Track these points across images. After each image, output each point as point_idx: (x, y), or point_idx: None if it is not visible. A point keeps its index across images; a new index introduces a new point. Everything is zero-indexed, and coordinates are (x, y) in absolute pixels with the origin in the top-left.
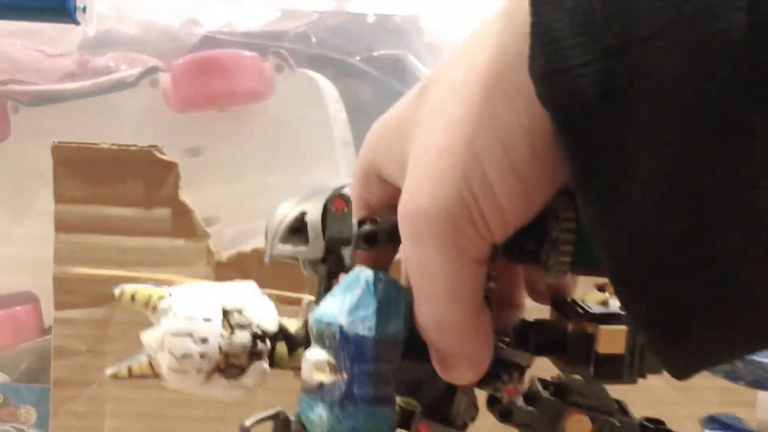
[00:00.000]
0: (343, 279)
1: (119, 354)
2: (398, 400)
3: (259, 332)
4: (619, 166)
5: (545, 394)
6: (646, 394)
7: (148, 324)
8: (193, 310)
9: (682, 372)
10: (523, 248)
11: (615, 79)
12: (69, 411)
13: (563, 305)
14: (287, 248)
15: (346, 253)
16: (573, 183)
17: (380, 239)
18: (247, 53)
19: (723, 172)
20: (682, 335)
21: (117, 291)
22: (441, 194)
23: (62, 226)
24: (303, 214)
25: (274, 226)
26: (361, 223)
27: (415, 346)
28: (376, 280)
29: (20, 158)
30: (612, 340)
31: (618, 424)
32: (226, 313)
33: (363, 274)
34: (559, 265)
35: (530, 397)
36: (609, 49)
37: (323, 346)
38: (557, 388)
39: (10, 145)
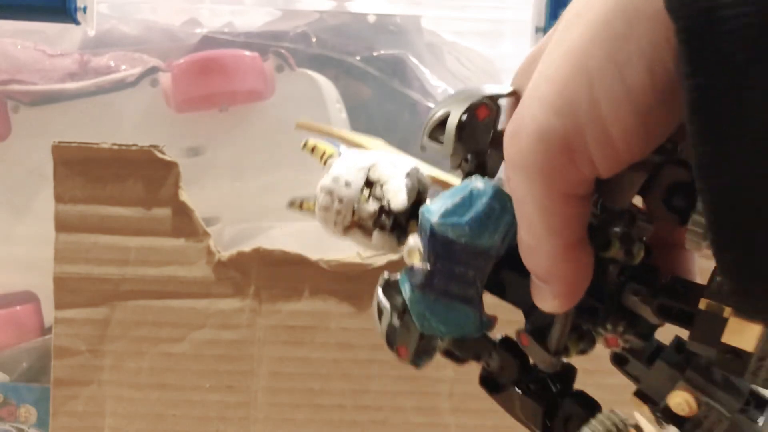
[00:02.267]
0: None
1: (119, 354)
2: None
3: (387, 208)
4: (738, 97)
5: (668, 358)
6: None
7: (148, 324)
8: (342, 173)
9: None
10: (670, 202)
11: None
12: (69, 411)
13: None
14: (431, 144)
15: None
16: (685, 107)
17: None
18: (247, 53)
19: None
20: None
21: (303, 142)
22: (540, 121)
23: (62, 225)
24: (446, 116)
25: (427, 119)
26: None
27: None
28: (482, 193)
29: (20, 158)
30: (742, 333)
31: (728, 415)
32: (369, 183)
33: (472, 184)
34: (692, 233)
35: (654, 354)
36: None
37: (420, 235)
38: (688, 356)
39: (10, 145)
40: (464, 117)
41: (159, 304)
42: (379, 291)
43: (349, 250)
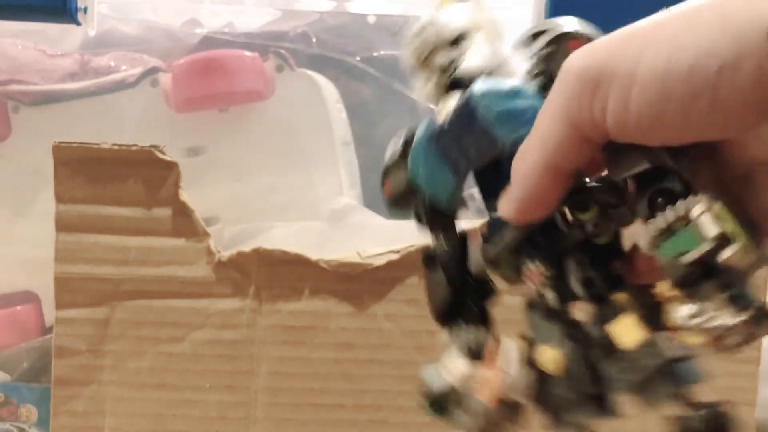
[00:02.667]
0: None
1: (119, 354)
2: None
3: (453, 67)
4: None
5: (567, 327)
6: None
7: (148, 324)
8: (443, 19)
9: None
10: (653, 201)
11: None
12: (69, 410)
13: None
14: (523, 46)
15: None
16: None
17: None
18: (247, 53)
19: None
20: None
21: None
22: (589, 56)
23: (63, 225)
24: (538, 33)
25: (531, 26)
26: None
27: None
28: (526, 95)
29: (20, 158)
30: (625, 332)
31: (574, 391)
32: (459, 38)
33: (525, 85)
34: (646, 233)
35: (563, 320)
36: None
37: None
38: (587, 335)
39: (10, 145)
40: (554, 39)
41: (159, 304)
42: (403, 133)
43: (349, 250)
